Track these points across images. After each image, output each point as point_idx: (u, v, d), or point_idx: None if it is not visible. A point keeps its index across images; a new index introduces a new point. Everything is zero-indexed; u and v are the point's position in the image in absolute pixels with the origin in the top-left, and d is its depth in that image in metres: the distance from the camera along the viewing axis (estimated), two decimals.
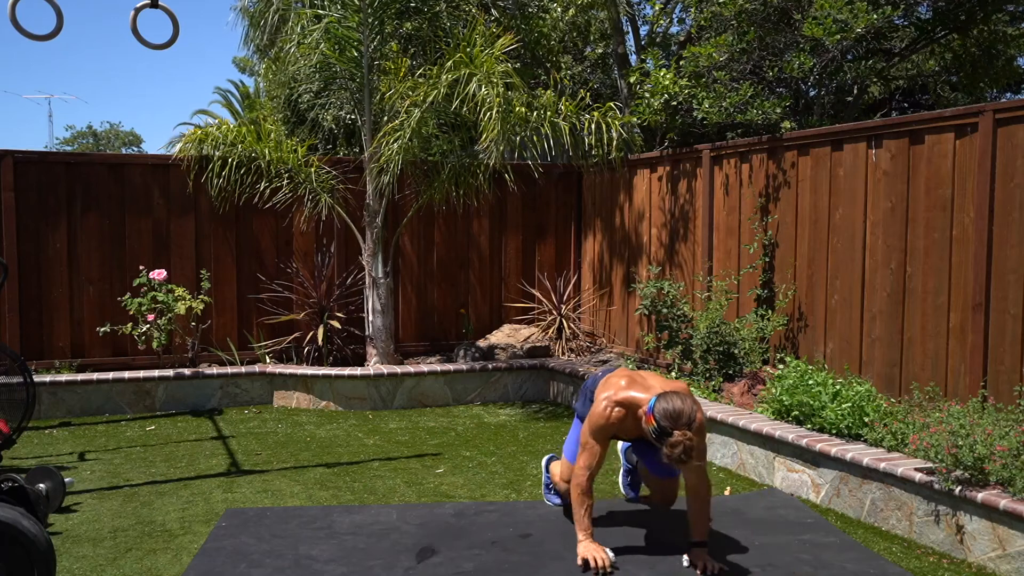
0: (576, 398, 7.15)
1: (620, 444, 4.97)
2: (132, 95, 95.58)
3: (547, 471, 4.83)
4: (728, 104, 7.34)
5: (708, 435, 5.89)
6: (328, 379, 7.45)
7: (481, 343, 8.55)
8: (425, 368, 7.69)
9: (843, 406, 5.07)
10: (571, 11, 9.60)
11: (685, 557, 3.93)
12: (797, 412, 5.34)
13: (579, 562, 3.84)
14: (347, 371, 7.45)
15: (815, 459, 5.00)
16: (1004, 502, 3.90)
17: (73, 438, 6.45)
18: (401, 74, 7.56)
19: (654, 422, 3.59)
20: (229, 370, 7.55)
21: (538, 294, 9.05)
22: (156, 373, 7.35)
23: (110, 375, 7.25)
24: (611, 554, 3.89)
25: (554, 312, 8.85)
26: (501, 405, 7.76)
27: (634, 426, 3.88)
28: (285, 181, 7.81)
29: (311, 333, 8.02)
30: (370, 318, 7.86)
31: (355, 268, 8.39)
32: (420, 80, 7.29)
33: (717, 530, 4.43)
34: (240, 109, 24.92)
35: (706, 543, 3.88)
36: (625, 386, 3.91)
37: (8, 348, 5.36)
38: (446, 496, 5.05)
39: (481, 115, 6.86)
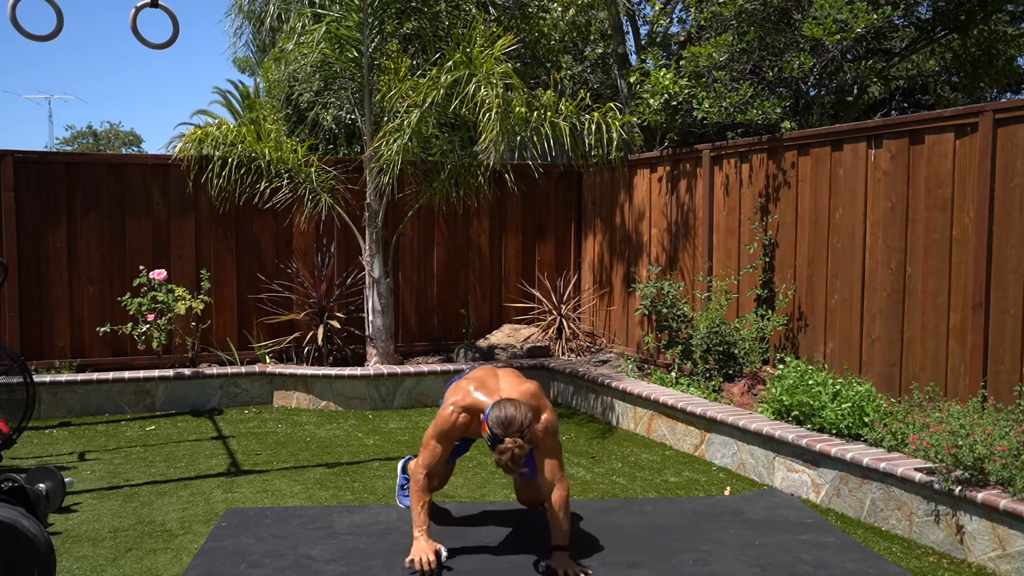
0: (579, 400, 7.11)
1: None
2: (132, 95, 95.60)
3: (403, 472, 4.77)
4: (728, 104, 7.34)
5: (708, 435, 5.89)
6: (328, 379, 7.45)
7: (481, 343, 8.55)
8: (425, 368, 7.69)
9: (843, 406, 5.07)
10: (571, 11, 9.60)
11: (543, 564, 3.85)
12: (797, 412, 5.34)
13: (406, 562, 3.82)
14: (347, 371, 7.45)
15: (815, 459, 5.00)
16: (1004, 502, 3.90)
17: (73, 438, 6.45)
18: (401, 74, 7.56)
19: (488, 430, 3.65)
20: (229, 370, 7.55)
21: (538, 294, 9.05)
22: (156, 373, 7.35)
23: (110, 375, 7.25)
24: (444, 553, 3.88)
25: (554, 312, 8.85)
26: None
27: (477, 430, 3.93)
28: (285, 181, 7.81)
29: (311, 333, 8.02)
30: (370, 318, 7.86)
31: (355, 268, 8.39)
32: (420, 80, 7.29)
33: (717, 530, 4.43)
34: (240, 109, 24.91)
35: (566, 547, 3.83)
36: (474, 390, 3.94)
37: (8, 348, 5.37)
38: (446, 496, 5.05)
39: (481, 115, 6.86)
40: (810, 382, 5.35)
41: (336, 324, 8.00)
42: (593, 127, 7.46)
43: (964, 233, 5.14)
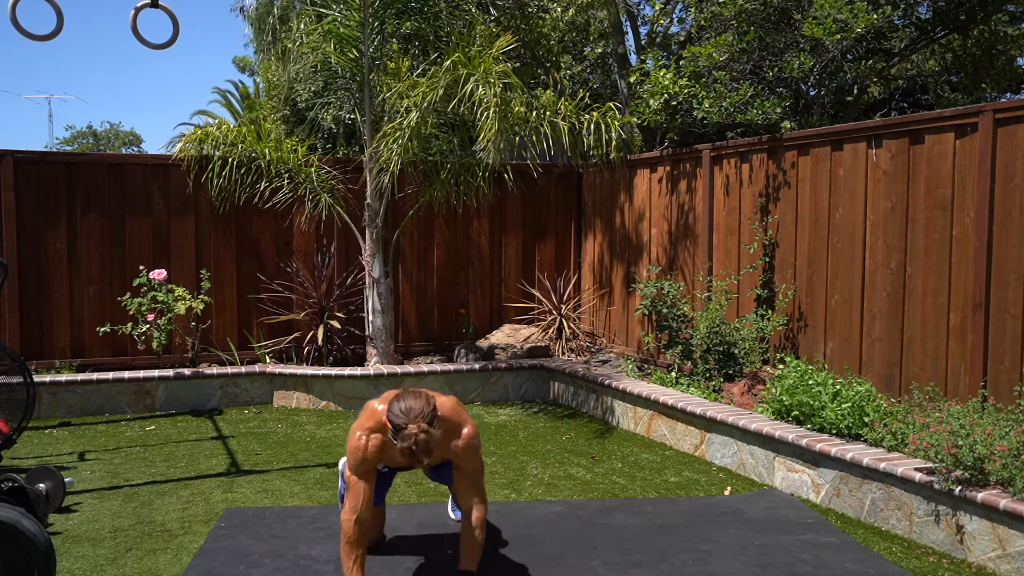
0: (580, 400, 7.09)
1: None
2: (132, 95, 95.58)
3: (343, 478, 4.31)
4: (728, 104, 7.34)
5: (708, 435, 5.89)
6: (328, 379, 7.45)
7: (481, 343, 8.55)
8: (425, 368, 7.69)
9: (843, 406, 5.07)
10: (571, 11, 9.60)
11: None
12: (797, 412, 5.34)
13: None
14: (347, 371, 7.45)
15: (815, 459, 5.00)
16: (1004, 502, 3.90)
17: (73, 438, 6.45)
18: (401, 74, 7.56)
19: (390, 424, 3.28)
20: (229, 370, 7.55)
21: (538, 294, 9.05)
22: (156, 373, 7.35)
23: (110, 375, 7.25)
24: None
25: (554, 312, 8.85)
26: (501, 405, 7.76)
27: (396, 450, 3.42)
28: (285, 181, 7.81)
29: (311, 333, 8.02)
30: (370, 318, 7.86)
31: (355, 268, 8.39)
32: (420, 80, 7.29)
33: (717, 530, 4.43)
34: (240, 109, 24.92)
35: (472, 573, 3.60)
36: (378, 405, 3.55)
37: (8, 348, 5.37)
38: (446, 496, 5.04)
39: (479, 115, 6.86)
40: (810, 382, 5.35)
41: (336, 324, 8.00)
42: (593, 127, 7.46)
43: (964, 233, 5.14)
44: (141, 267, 7.64)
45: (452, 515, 4.60)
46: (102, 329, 7.59)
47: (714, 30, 8.22)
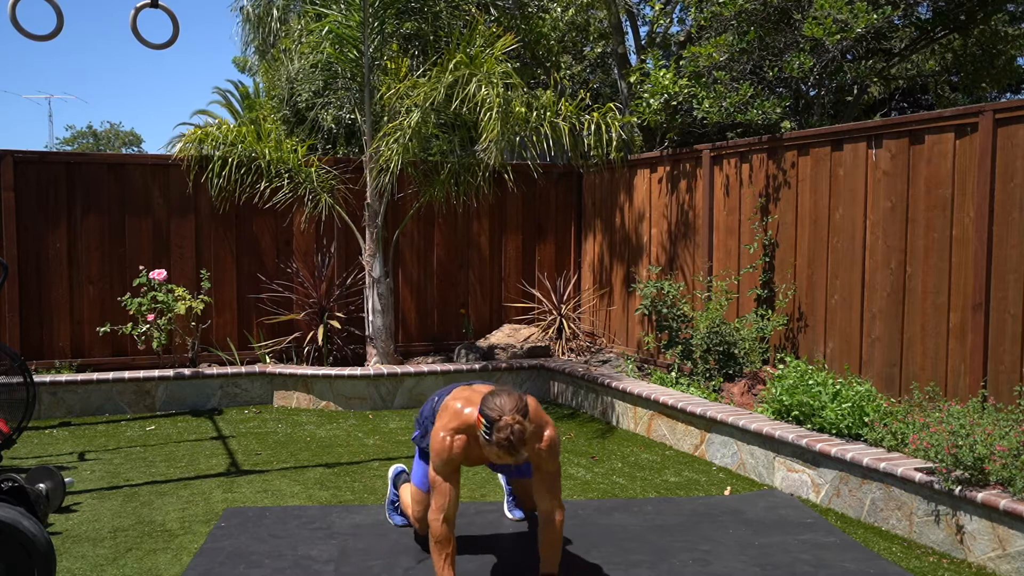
0: (579, 400, 7.09)
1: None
2: (132, 95, 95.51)
3: (394, 486, 4.53)
4: (728, 104, 7.34)
5: (708, 435, 5.89)
6: (328, 379, 7.45)
7: (481, 343, 8.55)
8: (425, 368, 7.69)
9: (843, 406, 5.07)
10: (571, 11, 9.61)
11: None
12: (797, 412, 5.34)
13: None
14: (347, 371, 7.45)
15: (815, 459, 5.00)
16: (1004, 502, 3.90)
17: (73, 438, 6.45)
18: (401, 74, 7.56)
19: (483, 420, 3.31)
20: (229, 370, 7.55)
21: (538, 294, 9.05)
22: (156, 373, 7.35)
23: (110, 375, 7.25)
24: None
25: (554, 312, 8.85)
26: None
27: (479, 450, 3.55)
28: (285, 181, 7.81)
29: (311, 333, 8.02)
30: (370, 318, 7.86)
31: (355, 268, 8.39)
32: (420, 80, 7.29)
33: (717, 530, 4.43)
34: (240, 109, 24.90)
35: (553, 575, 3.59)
36: (461, 408, 3.59)
37: (8, 348, 5.37)
38: None
39: (481, 115, 6.86)
40: (810, 382, 5.35)
41: (336, 324, 8.00)
42: (593, 127, 7.47)
43: (964, 233, 5.14)
44: (141, 267, 7.64)
45: (509, 514, 4.62)
46: (102, 329, 7.59)
47: (714, 30, 8.22)
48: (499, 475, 4.70)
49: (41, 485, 4.42)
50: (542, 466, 3.56)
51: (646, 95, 7.87)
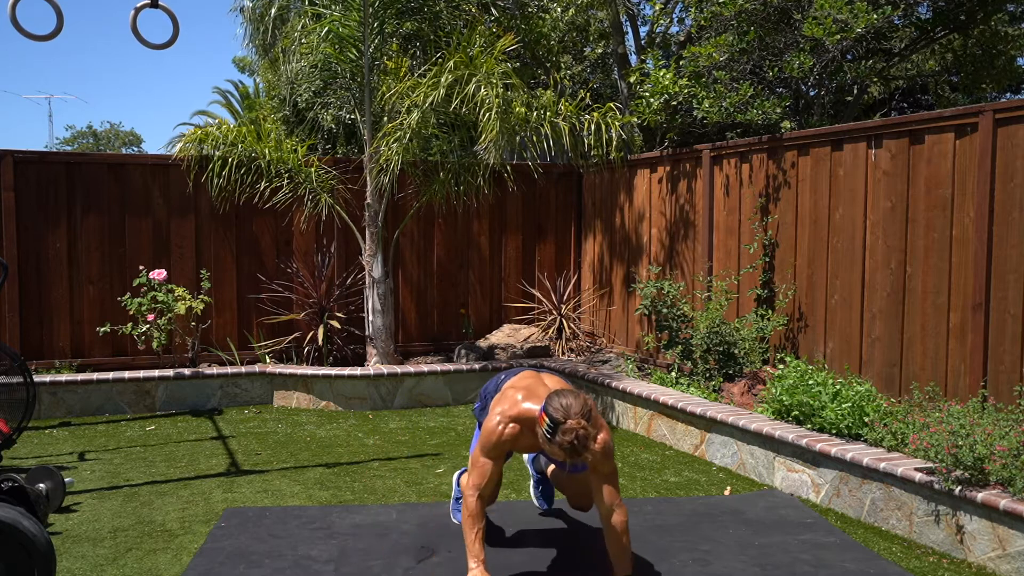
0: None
1: (525, 456, 4.75)
2: (132, 95, 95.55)
3: (458, 485, 4.52)
4: (728, 104, 7.34)
5: (708, 435, 5.89)
6: (328, 379, 7.45)
7: (481, 343, 8.55)
8: (425, 368, 7.69)
9: (843, 406, 5.07)
10: (571, 11, 9.60)
11: None
12: (797, 412, 5.34)
13: None
14: (347, 371, 7.45)
15: (815, 459, 5.00)
16: (1004, 502, 3.90)
17: (73, 438, 6.45)
18: (401, 74, 7.56)
19: (546, 419, 3.35)
20: (229, 370, 7.55)
21: (538, 294, 9.05)
22: (156, 373, 7.35)
23: (110, 375, 7.25)
24: None
25: (554, 312, 8.85)
26: None
27: (531, 440, 3.64)
28: (285, 181, 7.81)
29: (311, 333, 8.02)
30: (370, 318, 7.86)
31: (355, 268, 8.39)
32: (420, 80, 7.29)
33: (717, 530, 4.43)
34: (240, 109, 24.91)
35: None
36: (522, 399, 3.65)
37: (8, 348, 5.37)
38: (446, 496, 5.05)
39: (481, 115, 6.87)
40: (810, 382, 5.35)
41: (336, 324, 8.00)
42: (593, 127, 7.47)
43: (964, 233, 5.14)
44: (141, 267, 7.64)
45: (536, 503, 4.65)
46: (102, 329, 7.59)
47: (714, 30, 8.22)
48: (526, 462, 4.74)
49: (41, 485, 4.42)
50: (597, 468, 3.58)
51: (646, 95, 7.87)
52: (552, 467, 4.37)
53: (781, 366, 5.79)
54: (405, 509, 4.74)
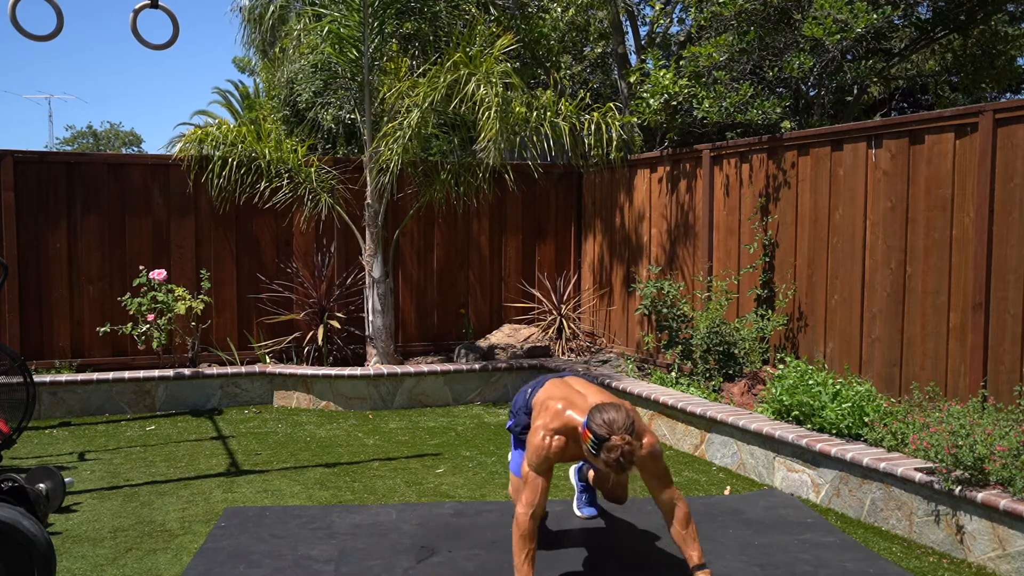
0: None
1: (571, 468, 4.75)
2: (132, 95, 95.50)
3: (579, 480, 4.59)
4: (728, 104, 7.34)
5: (708, 435, 5.89)
6: (328, 379, 7.45)
7: (481, 343, 8.55)
8: (425, 368, 7.69)
9: (843, 406, 5.07)
10: (571, 11, 9.60)
11: None
12: (797, 412, 5.34)
13: None
14: (347, 371, 7.45)
15: (815, 459, 5.00)
16: (1004, 502, 3.90)
17: (73, 438, 6.45)
18: (401, 74, 7.56)
19: (590, 435, 3.34)
20: (229, 370, 7.55)
21: (538, 294, 9.05)
22: (156, 373, 7.35)
23: (110, 375, 7.25)
24: None
25: (554, 312, 8.85)
26: (501, 405, 7.75)
27: (578, 450, 3.63)
28: (285, 181, 7.81)
29: (311, 333, 8.02)
30: (370, 318, 7.86)
31: (355, 268, 8.39)
32: (420, 80, 7.29)
33: (717, 530, 4.43)
34: (240, 109, 24.91)
35: (706, 564, 3.61)
36: (562, 409, 3.63)
37: (8, 348, 5.37)
38: (446, 496, 5.05)
39: (480, 115, 6.87)
40: (810, 382, 5.35)
41: (336, 324, 8.00)
42: (593, 127, 7.47)
43: (964, 233, 5.14)
44: (141, 267, 7.64)
45: (578, 512, 4.63)
46: (102, 329, 7.59)
47: (714, 30, 8.22)
48: (571, 476, 4.72)
49: (41, 485, 4.42)
50: (648, 470, 3.58)
51: (646, 95, 7.87)
52: (592, 471, 4.39)
53: (781, 366, 5.79)
54: (405, 509, 4.74)
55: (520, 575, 3.51)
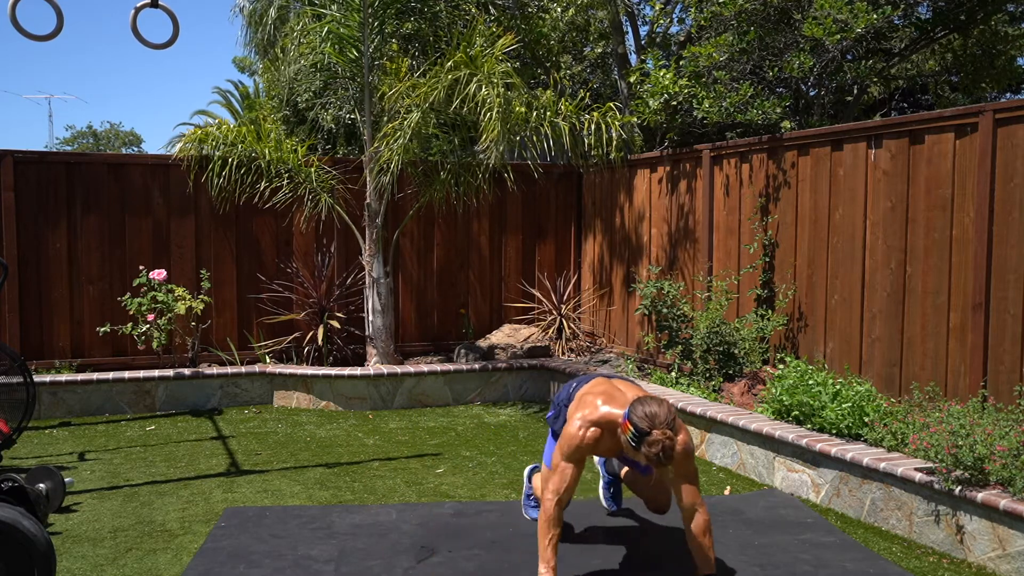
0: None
1: (596, 458, 4.77)
2: (132, 95, 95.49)
3: (529, 482, 4.59)
4: (728, 104, 7.34)
5: (708, 435, 5.89)
6: (328, 379, 7.45)
7: (481, 343, 8.55)
8: (425, 368, 7.69)
9: (843, 406, 5.07)
10: (571, 11, 9.60)
11: None
12: (797, 412, 5.34)
13: None
14: (347, 371, 7.45)
15: (815, 459, 5.00)
16: (1004, 502, 3.90)
17: (73, 438, 6.45)
18: (401, 74, 7.56)
19: (631, 427, 3.39)
20: (229, 370, 7.55)
21: (538, 294, 9.05)
22: (156, 373, 7.35)
23: (110, 375, 7.25)
24: None
25: (554, 312, 8.85)
26: (501, 405, 7.76)
27: (612, 443, 3.68)
28: (285, 181, 7.81)
29: (311, 333, 8.02)
30: (370, 318, 7.86)
31: (355, 268, 8.39)
32: (420, 80, 7.29)
33: (717, 530, 4.43)
34: (240, 109, 24.92)
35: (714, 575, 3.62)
36: (601, 404, 3.69)
37: (8, 348, 5.37)
38: (446, 496, 5.05)
39: (481, 115, 6.86)
40: (810, 382, 5.35)
41: (336, 324, 8.00)
42: (593, 127, 7.46)
43: (964, 233, 5.14)
44: (141, 267, 7.64)
45: (606, 504, 4.66)
46: (102, 329, 7.59)
47: (714, 30, 8.22)
48: (598, 464, 4.76)
49: (41, 485, 4.42)
50: (680, 468, 3.58)
51: (646, 95, 7.87)
52: (626, 469, 4.40)
53: (781, 366, 5.79)
54: (405, 509, 4.74)
55: (543, 559, 3.55)
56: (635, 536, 4.39)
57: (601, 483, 4.73)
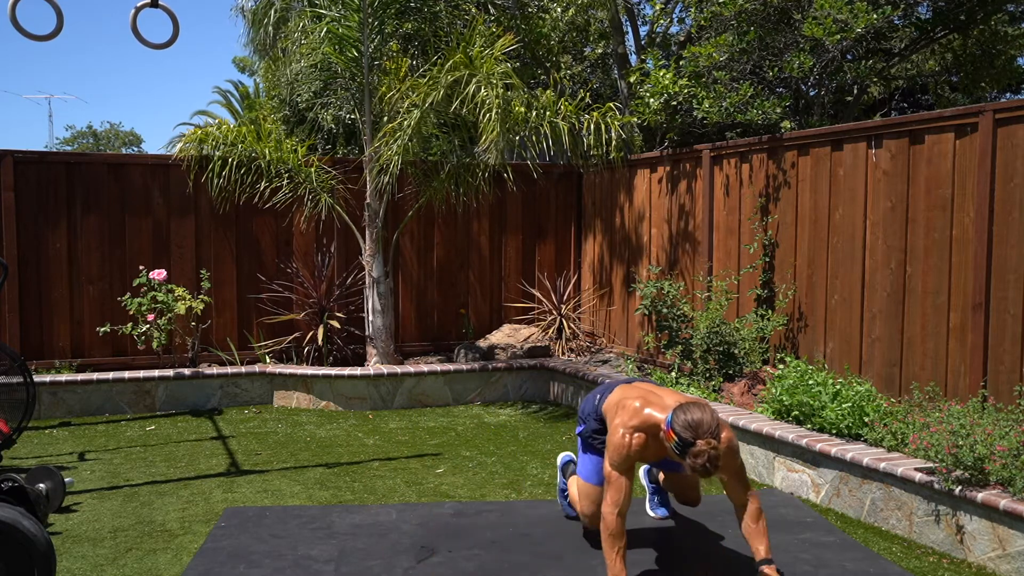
0: (580, 400, 7.09)
1: (641, 469, 4.80)
2: (132, 95, 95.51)
3: (563, 474, 4.58)
4: (728, 104, 7.34)
5: None
6: (328, 379, 7.45)
7: (481, 343, 8.55)
8: (425, 368, 7.69)
9: (843, 406, 5.07)
10: (571, 11, 9.60)
11: None
12: (797, 412, 5.34)
13: None
14: (347, 371, 7.45)
15: (815, 459, 5.00)
16: (1004, 502, 3.90)
17: (73, 438, 6.45)
18: (401, 74, 7.56)
19: (674, 436, 3.37)
20: (229, 370, 7.55)
21: (538, 294, 9.05)
22: (156, 373, 7.35)
23: (110, 375, 7.25)
24: None
25: (554, 312, 8.85)
26: (501, 405, 7.76)
27: (657, 448, 3.66)
28: (285, 181, 7.81)
29: (311, 333, 8.02)
30: (370, 318, 7.86)
31: (355, 268, 8.39)
32: (420, 80, 7.29)
33: (716, 529, 4.43)
34: (240, 109, 24.93)
35: (772, 560, 3.56)
36: (640, 407, 3.67)
37: (8, 348, 5.37)
38: (446, 496, 5.05)
39: (481, 116, 6.86)
40: (810, 382, 5.35)
41: (336, 324, 8.00)
42: (593, 127, 7.46)
43: (964, 233, 5.14)
44: (141, 267, 7.64)
45: (652, 513, 4.64)
46: (102, 329, 7.59)
47: (714, 30, 8.22)
48: (641, 477, 4.77)
49: (41, 485, 4.42)
50: (727, 466, 3.57)
51: (646, 95, 7.87)
52: (663, 474, 4.41)
53: (781, 366, 5.79)
54: (405, 509, 4.74)
55: (613, 571, 3.53)
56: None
57: (647, 495, 4.71)
